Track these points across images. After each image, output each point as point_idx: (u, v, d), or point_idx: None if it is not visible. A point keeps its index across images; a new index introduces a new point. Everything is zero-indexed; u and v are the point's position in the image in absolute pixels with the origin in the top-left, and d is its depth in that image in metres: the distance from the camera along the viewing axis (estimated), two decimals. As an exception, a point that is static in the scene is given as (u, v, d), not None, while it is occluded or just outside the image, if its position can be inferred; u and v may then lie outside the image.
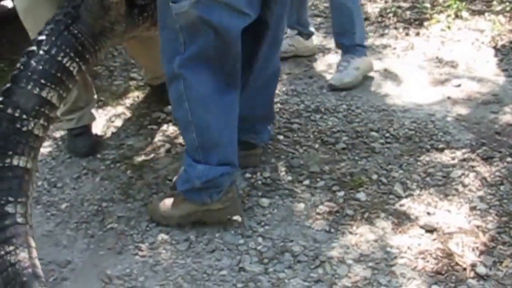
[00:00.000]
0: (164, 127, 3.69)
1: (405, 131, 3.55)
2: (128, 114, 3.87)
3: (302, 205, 3.04)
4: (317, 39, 4.69)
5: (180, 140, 3.51)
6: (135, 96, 4.05)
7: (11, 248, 2.36)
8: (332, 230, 2.89)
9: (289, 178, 3.22)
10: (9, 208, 2.43)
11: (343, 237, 2.84)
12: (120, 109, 3.93)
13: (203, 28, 2.68)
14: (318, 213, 2.98)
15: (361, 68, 4.09)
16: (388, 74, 4.24)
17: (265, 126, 3.32)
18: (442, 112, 3.74)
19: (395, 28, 4.88)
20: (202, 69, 2.75)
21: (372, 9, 5.11)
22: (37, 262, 2.42)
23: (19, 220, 2.43)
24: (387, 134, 3.53)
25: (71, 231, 3.00)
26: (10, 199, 2.45)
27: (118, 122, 3.79)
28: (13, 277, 2.34)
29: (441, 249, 2.74)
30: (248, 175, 3.25)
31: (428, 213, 2.95)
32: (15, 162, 2.50)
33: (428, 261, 2.69)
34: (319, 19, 5.08)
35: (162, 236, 2.91)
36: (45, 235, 2.99)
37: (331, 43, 4.64)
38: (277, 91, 3.91)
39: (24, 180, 2.51)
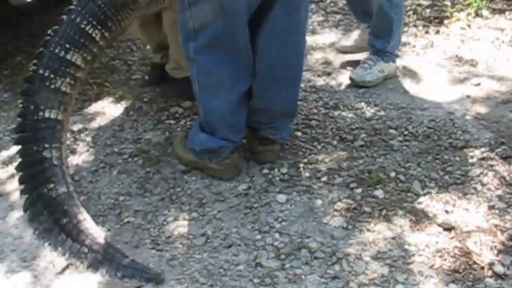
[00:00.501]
0: (182, 122, 3.68)
1: (423, 129, 3.53)
2: (146, 108, 3.87)
3: (319, 202, 3.03)
4: (335, 36, 4.68)
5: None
6: (153, 90, 4.04)
7: (52, 185, 2.90)
8: (350, 227, 2.87)
9: (307, 174, 3.21)
10: (46, 153, 2.95)
11: (361, 234, 2.83)
12: (138, 103, 3.93)
13: (211, 15, 2.81)
14: (335, 210, 2.97)
15: (386, 71, 4.07)
16: (407, 72, 4.22)
17: (286, 123, 3.31)
18: (461, 111, 3.71)
19: (415, 26, 4.86)
20: (215, 56, 2.94)
21: (391, 6, 5.07)
22: (75, 194, 2.96)
23: (55, 162, 2.96)
24: (406, 132, 3.50)
25: (88, 224, 3.01)
26: (46, 145, 2.96)
27: (136, 116, 3.79)
28: (56, 208, 2.87)
29: (459, 247, 2.72)
30: (265, 170, 3.24)
31: (446, 212, 2.93)
32: (46, 115, 2.99)
33: (445, 260, 2.67)
34: (338, 16, 5.06)
35: (179, 231, 2.90)
36: (62, 227, 3.00)
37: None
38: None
39: (56, 129, 3.00)
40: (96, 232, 2.83)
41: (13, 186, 3.28)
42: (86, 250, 2.75)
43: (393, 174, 3.17)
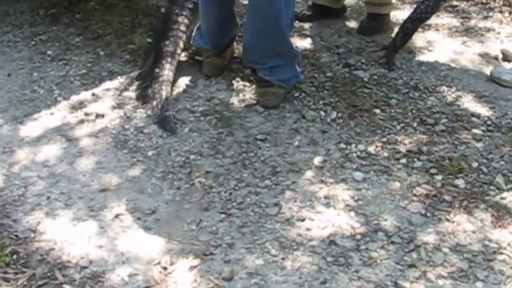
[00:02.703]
0: (255, 85, 3.56)
1: (507, 121, 3.37)
2: (220, 68, 3.76)
3: (397, 184, 2.91)
4: (417, 14, 4.51)
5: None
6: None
7: (167, 42, 3.70)
8: (428, 214, 2.75)
9: (385, 154, 3.09)
10: (180, 19, 3.81)
11: (440, 223, 2.71)
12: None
13: None
14: (414, 195, 2.84)
15: None
16: (489, 59, 4.04)
17: (281, 64, 3.38)
18: (547, 105, 3.55)
19: (501, 12, 4.66)
20: None
21: (477, -11, 4.89)
22: (177, 57, 3.69)
23: (181, 28, 3.79)
24: (489, 122, 3.35)
25: (156, 180, 2.93)
26: (184, 13, 3.82)
27: (210, 75, 3.70)
28: (157, 59, 3.63)
29: (544, 250, 2.60)
30: (342, 145, 3.13)
31: (531, 211, 2.80)
32: None
33: (529, 261, 2.55)
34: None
35: (251, 197, 2.81)
36: (130, 180, 2.93)
37: (431, 20, 4.45)
38: (374, 63, 3.78)
39: (196, 10, 3.66)
40: (164, 83, 3.48)
41: (82, 132, 3.22)
42: (150, 93, 3.46)
43: (475, 165, 3.03)
